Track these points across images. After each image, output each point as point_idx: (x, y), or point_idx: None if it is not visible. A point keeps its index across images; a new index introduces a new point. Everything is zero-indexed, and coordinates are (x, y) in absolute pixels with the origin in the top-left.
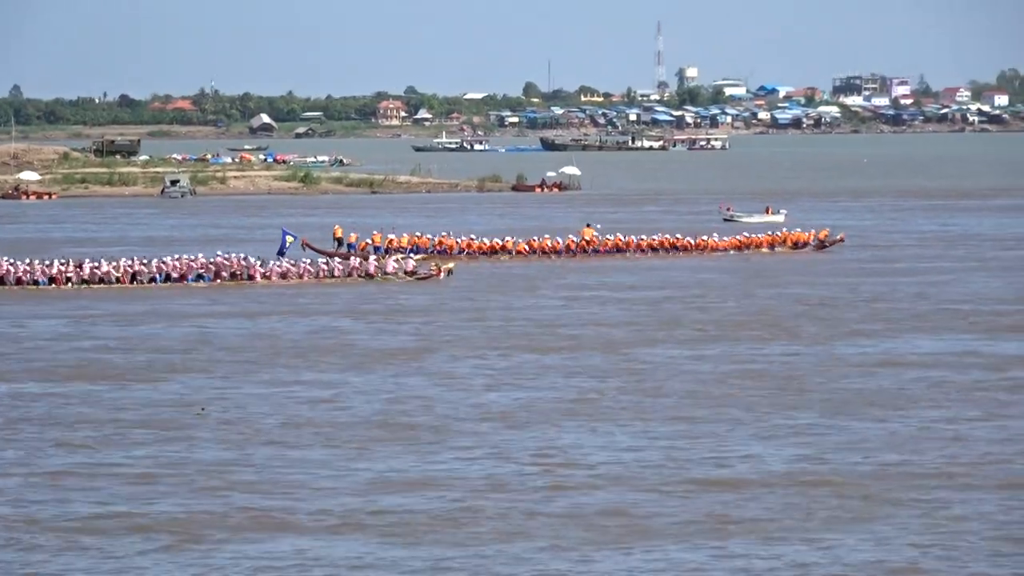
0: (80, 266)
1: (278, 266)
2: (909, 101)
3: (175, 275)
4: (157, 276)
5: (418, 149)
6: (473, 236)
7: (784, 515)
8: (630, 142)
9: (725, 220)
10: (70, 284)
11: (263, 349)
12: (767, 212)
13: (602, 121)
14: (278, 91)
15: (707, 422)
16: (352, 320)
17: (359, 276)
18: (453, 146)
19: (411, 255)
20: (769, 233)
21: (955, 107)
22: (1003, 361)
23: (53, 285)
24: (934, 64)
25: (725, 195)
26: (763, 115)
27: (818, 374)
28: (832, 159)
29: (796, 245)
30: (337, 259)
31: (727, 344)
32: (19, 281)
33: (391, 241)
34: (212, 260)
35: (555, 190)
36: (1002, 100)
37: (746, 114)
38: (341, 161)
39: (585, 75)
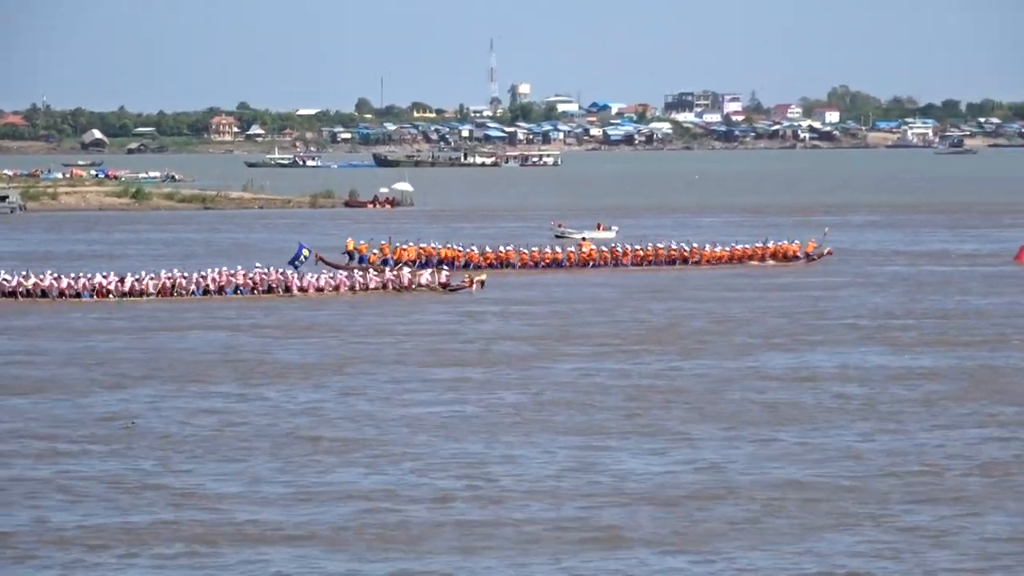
0: (122, 280)
1: (315, 279)
2: (741, 118)
3: (214, 288)
4: (196, 289)
5: (251, 165)
6: (474, 247)
7: (678, 526)
8: (463, 158)
9: (556, 236)
10: (111, 296)
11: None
12: (598, 228)
13: (435, 137)
14: (110, 106)
15: (602, 435)
16: (263, 336)
17: (394, 288)
18: (286, 162)
19: (444, 267)
20: (760, 244)
21: (786, 124)
22: (904, 373)
23: (95, 297)
24: (765, 81)
25: (557, 211)
26: (595, 131)
27: (725, 387)
28: (664, 175)
29: (787, 257)
30: (372, 271)
31: (629, 357)
32: (62, 294)
33: (397, 252)
34: (251, 274)
35: (388, 206)
36: (833, 117)
37: (578, 130)
38: (173, 177)
39: (418, 91)
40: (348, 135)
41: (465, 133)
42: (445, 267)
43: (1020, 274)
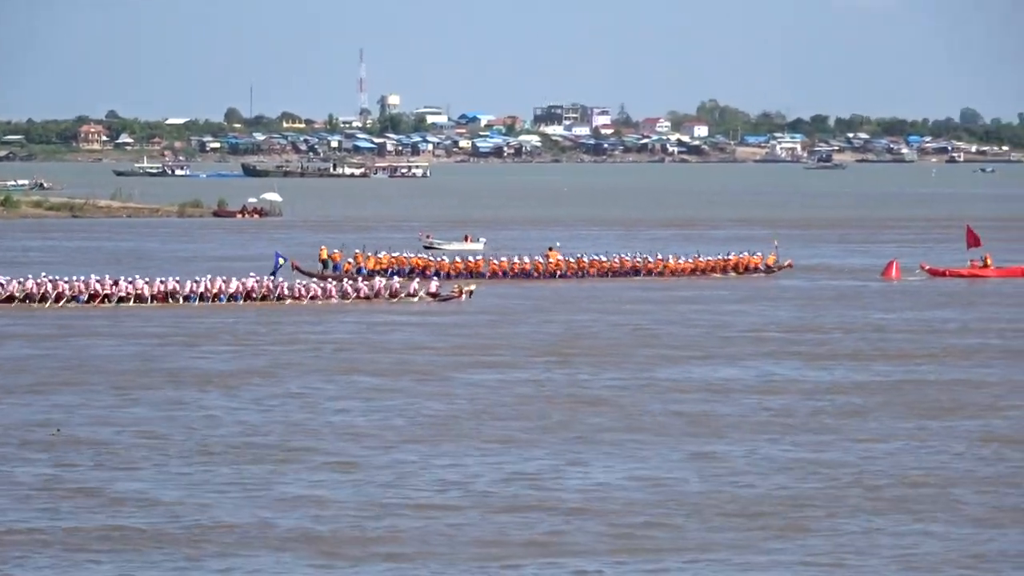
0: (116, 283)
1: (305, 288)
2: (609, 131)
3: (208, 295)
4: (192, 296)
5: (119, 173)
6: (444, 258)
7: (605, 535)
8: (331, 169)
9: (425, 248)
10: (107, 301)
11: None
12: (466, 240)
13: (304, 148)
14: None
15: (511, 444)
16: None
17: (385, 297)
18: (154, 171)
19: (434, 277)
20: (722, 256)
21: (655, 138)
22: (816, 386)
23: (92, 302)
24: (634, 95)
25: (425, 222)
26: (464, 143)
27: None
28: (533, 188)
29: (748, 269)
30: (361, 280)
31: (550, 367)
32: (59, 298)
33: (370, 260)
34: (243, 281)
35: (256, 216)
36: (702, 131)
37: (447, 142)
38: (41, 184)
39: (287, 102)
40: (217, 144)
41: (334, 144)
42: (435, 277)
43: (910, 289)
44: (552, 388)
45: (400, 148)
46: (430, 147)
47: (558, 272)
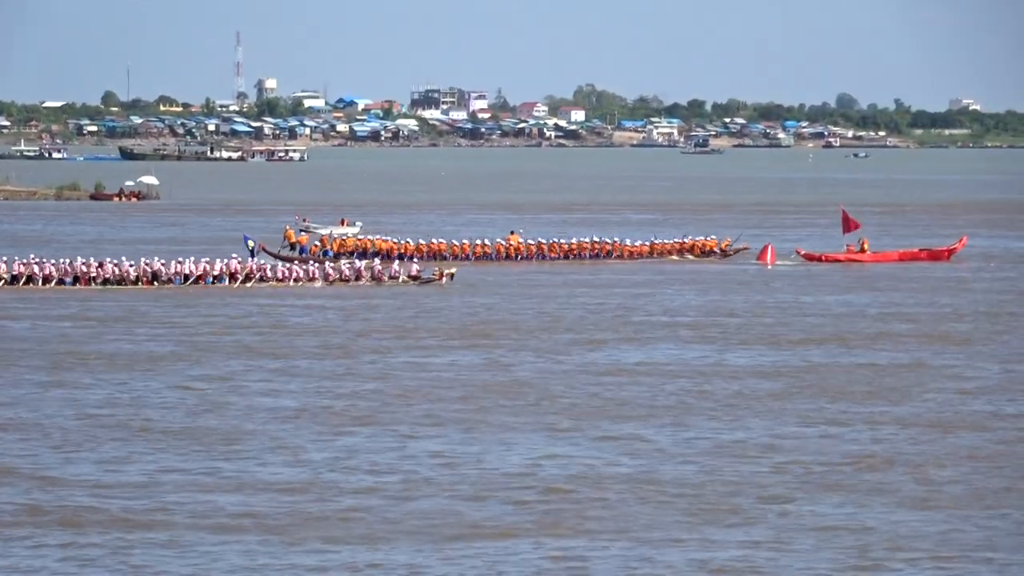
0: (102, 265)
1: (287, 269)
2: (487, 115)
3: (193, 277)
4: (176, 278)
5: None
6: (409, 240)
7: (523, 516)
8: (209, 152)
9: (301, 231)
10: (93, 284)
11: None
12: (342, 223)
13: (181, 131)
14: None
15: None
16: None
17: (368, 280)
18: (32, 154)
19: (413, 260)
20: (678, 240)
21: (532, 122)
22: (728, 369)
23: (78, 284)
24: (512, 79)
25: (302, 206)
26: (342, 127)
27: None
28: (410, 172)
29: (704, 252)
30: (343, 262)
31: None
32: (46, 280)
33: (336, 243)
34: (227, 263)
35: (134, 199)
36: (579, 116)
37: (325, 126)
38: None
39: (164, 85)
40: (94, 128)
41: (211, 127)
42: (415, 259)
43: (818, 273)
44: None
45: (277, 132)
46: (307, 131)
47: (519, 255)
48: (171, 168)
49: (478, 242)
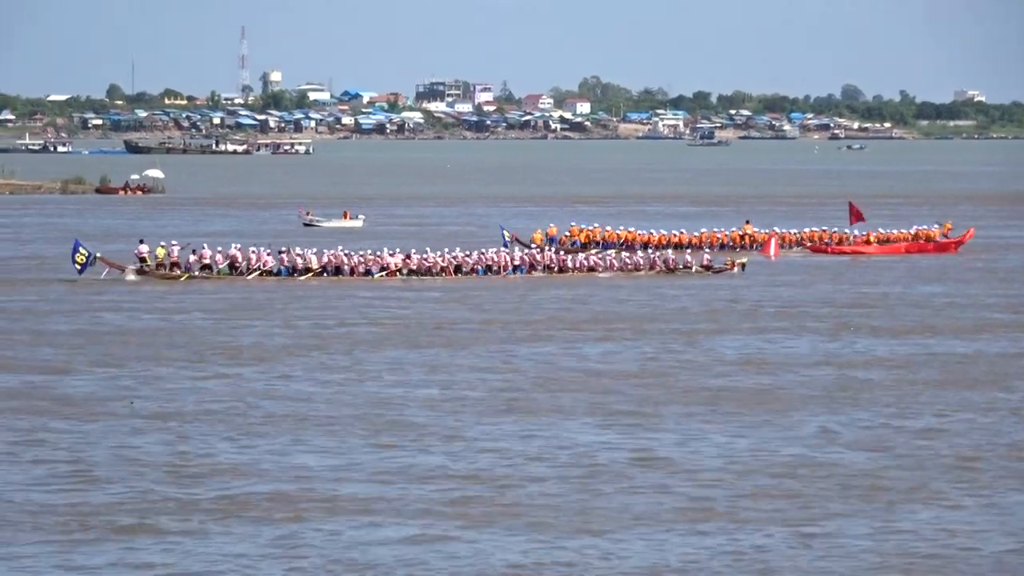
0: (408, 257)
1: (584, 259)
2: (492, 108)
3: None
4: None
5: (1, 150)
6: (652, 230)
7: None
8: (214, 145)
9: (305, 225)
10: (399, 274)
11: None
12: (345, 217)
13: (186, 124)
14: None
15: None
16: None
17: (662, 269)
18: (36, 147)
19: (704, 250)
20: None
21: (538, 114)
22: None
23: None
24: (517, 72)
25: (307, 199)
26: (347, 120)
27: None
28: (415, 164)
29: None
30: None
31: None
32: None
33: (583, 232)
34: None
35: (139, 193)
36: (584, 108)
37: (330, 119)
38: None
39: (169, 78)
40: (99, 121)
41: (216, 120)
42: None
43: (797, 264)
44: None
45: (283, 125)
46: (312, 124)
47: (754, 244)
48: (176, 161)
49: (715, 231)
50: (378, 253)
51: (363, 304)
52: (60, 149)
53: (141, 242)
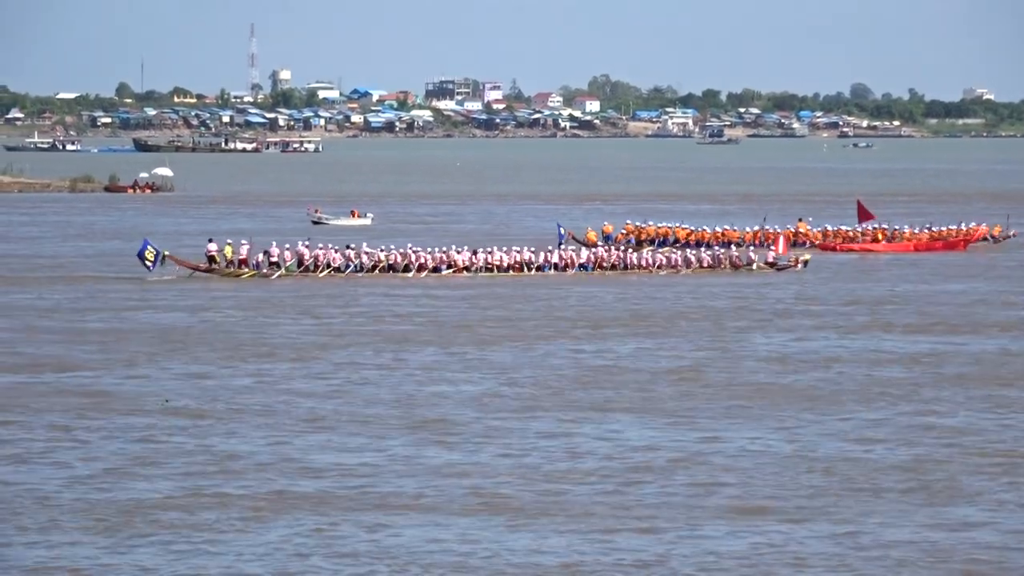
0: (475, 253)
1: (651, 256)
2: (501, 106)
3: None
4: (545, 265)
5: (10, 149)
6: (705, 227)
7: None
8: (223, 144)
9: (314, 223)
10: (467, 272)
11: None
12: (353, 215)
13: (195, 123)
14: None
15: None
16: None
17: (726, 266)
18: (45, 146)
19: (769, 248)
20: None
21: (547, 112)
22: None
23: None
24: (526, 70)
25: (316, 197)
26: (356, 118)
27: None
28: (425, 162)
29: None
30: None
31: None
32: (421, 268)
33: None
34: (593, 251)
35: (148, 191)
36: (593, 106)
37: (339, 117)
38: None
39: (178, 76)
40: (108, 119)
41: (226, 119)
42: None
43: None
44: None
45: (292, 123)
46: (322, 122)
47: (808, 242)
48: (186, 160)
49: (768, 229)
50: (445, 250)
51: (426, 300)
52: (69, 147)
53: (210, 240)
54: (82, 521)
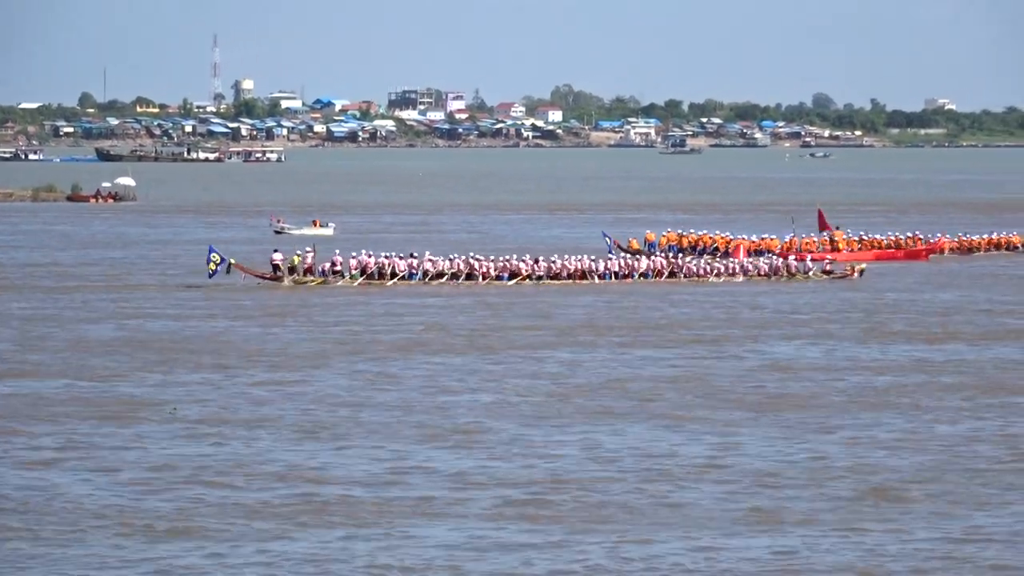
0: (532, 261)
1: (708, 266)
2: (464, 116)
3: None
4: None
5: None
6: (744, 235)
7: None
8: (186, 153)
9: (276, 232)
10: (530, 279)
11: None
12: (315, 225)
13: (158, 132)
14: None
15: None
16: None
17: (783, 274)
18: (7, 155)
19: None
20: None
21: (510, 122)
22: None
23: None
24: (489, 80)
25: (278, 207)
26: (319, 128)
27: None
28: (387, 172)
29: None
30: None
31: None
32: (471, 275)
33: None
34: (645, 259)
35: (110, 200)
36: (556, 116)
37: (302, 127)
38: None
39: (141, 86)
40: (71, 129)
41: (188, 128)
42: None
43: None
44: None
45: (254, 133)
46: (284, 132)
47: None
48: (148, 169)
49: (804, 237)
50: (507, 259)
51: (491, 306)
52: (31, 157)
53: (275, 251)
54: (106, 531)
